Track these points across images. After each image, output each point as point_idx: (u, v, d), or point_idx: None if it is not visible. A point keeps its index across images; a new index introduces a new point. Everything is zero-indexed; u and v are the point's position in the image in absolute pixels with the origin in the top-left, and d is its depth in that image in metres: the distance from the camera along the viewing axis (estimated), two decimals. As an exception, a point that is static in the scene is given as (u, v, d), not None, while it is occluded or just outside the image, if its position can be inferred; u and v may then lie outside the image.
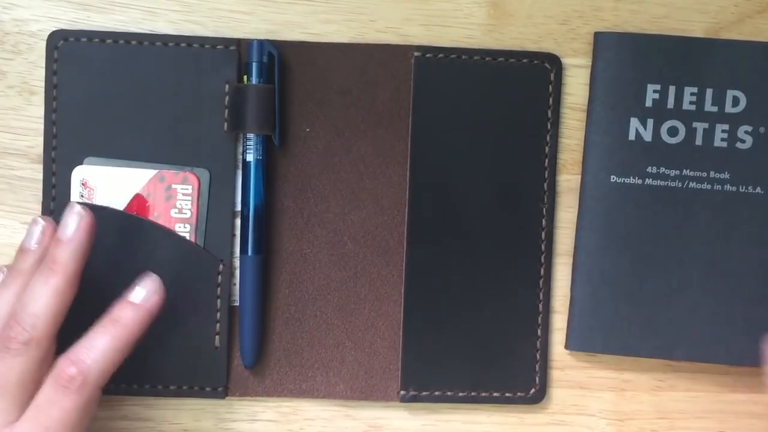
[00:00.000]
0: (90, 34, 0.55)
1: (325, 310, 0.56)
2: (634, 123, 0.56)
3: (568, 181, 0.57)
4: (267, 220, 0.56)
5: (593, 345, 0.56)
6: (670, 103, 0.56)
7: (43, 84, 0.55)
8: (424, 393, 0.57)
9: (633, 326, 0.56)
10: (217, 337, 0.55)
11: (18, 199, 0.56)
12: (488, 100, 0.57)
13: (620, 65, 0.56)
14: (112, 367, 0.49)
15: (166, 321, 0.54)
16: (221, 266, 0.55)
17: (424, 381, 0.57)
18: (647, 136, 0.56)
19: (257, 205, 0.55)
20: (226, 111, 0.55)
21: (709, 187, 0.56)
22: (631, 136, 0.56)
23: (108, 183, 0.54)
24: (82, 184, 0.54)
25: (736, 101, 0.56)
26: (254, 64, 0.54)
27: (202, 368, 0.55)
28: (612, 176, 0.56)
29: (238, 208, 0.55)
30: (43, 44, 0.55)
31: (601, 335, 0.56)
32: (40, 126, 0.55)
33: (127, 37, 0.55)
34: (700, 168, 0.56)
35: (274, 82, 0.55)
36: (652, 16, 0.57)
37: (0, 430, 0.48)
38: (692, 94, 0.56)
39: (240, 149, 0.55)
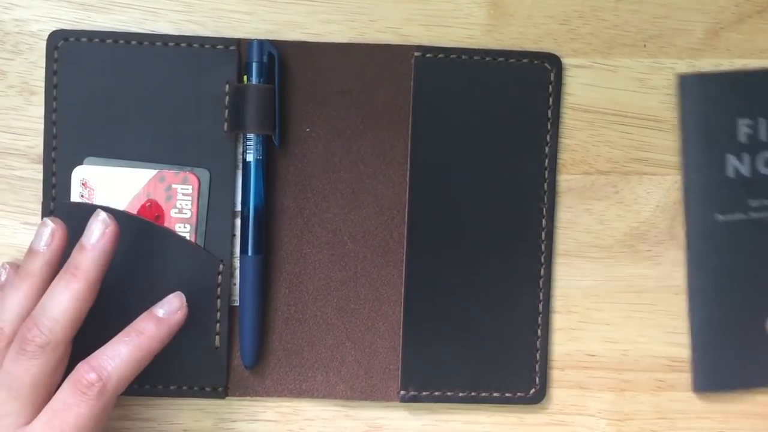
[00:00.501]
0: (90, 34, 0.55)
1: (325, 310, 0.56)
2: (731, 159, 0.56)
3: (568, 181, 0.57)
4: (267, 220, 0.56)
5: (724, 383, 0.57)
6: (764, 135, 0.56)
7: (43, 84, 0.55)
8: (424, 393, 0.57)
9: (759, 359, 0.57)
10: (217, 337, 0.55)
11: (18, 199, 0.56)
12: (488, 100, 0.57)
13: (708, 104, 0.56)
14: (130, 376, 0.49)
15: (165, 321, 0.55)
16: (221, 266, 0.55)
17: (424, 381, 0.57)
18: (745, 170, 0.56)
19: (257, 205, 0.55)
20: (226, 111, 0.55)
21: None
22: (730, 173, 0.56)
23: (108, 183, 0.54)
24: (82, 184, 0.54)
25: None
26: (254, 64, 0.54)
27: (202, 368, 0.55)
28: (716, 215, 0.56)
29: (238, 208, 0.55)
30: (44, 44, 0.55)
31: (729, 373, 0.57)
32: (40, 126, 0.55)
33: (128, 37, 0.55)
34: None
35: (274, 82, 0.55)
36: (652, 16, 0.57)
37: None
38: None
39: (240, 149, 0.55)
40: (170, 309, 0.51)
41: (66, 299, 0.49)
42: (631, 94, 0.58)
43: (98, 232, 0.50)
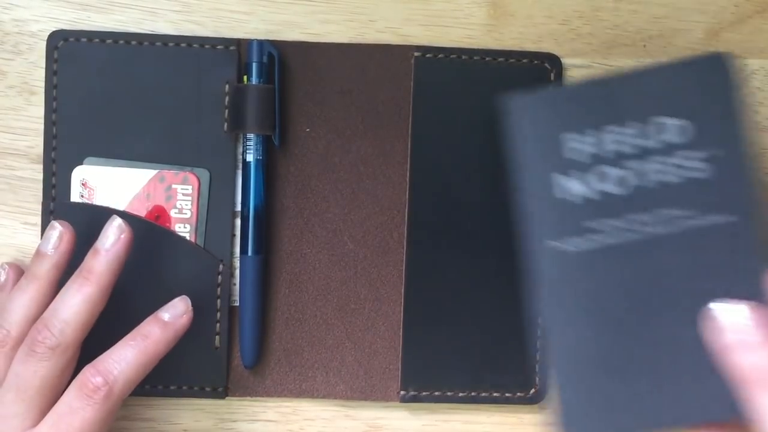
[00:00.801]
0: (90, 35, 0.55)
1: (325, 310, 0.56)
2: (558, 179, 0.48)
3: (568, 181, 0.57)
4: (267, 220, 0.56)
5: (595, 427, 0.48)
6: (596, 150, 0.48)
7: (43, 84, 0.55)
8: (424, 393, 0.57)
9: (628, 395, 0.48)
10: (217, 337, 0.55)
11: (18, 199, 0.56)
12: (488, 101, 0.57)
13: (534, 124, 0.48)
14: (136, 380, 0.49)
15: (166, 321, 0.55)
16: (221, 266, 0.55)
17: (424, 381, 0.57)
18: (580, 190, 0.48)
19: (257, 205, 0.55)
20: (226, 111, 0.55)
21: (668, 229, 0.48)
22: (559, 194, 0.48)
23: (108, 183, 0.54)
24: (82, 184, 0.54)
25: (672, 129, 0.48)
26: (254, 64, 0.54)
27: (202, 368, 0.55)
28: (552, 241, 0.48)
29: (238, 208, 0.56)
30: (44, 44, 0.55)
31: (601, 415, 0.48)
32: (40, 126, 0.55)
33: (127, 37, 0.55)
34: (654, 207, 0.48)
35: (274, 82, 0.55)
36: (652, 16, 0.57)
37: None
38: (617, 133, 0.48)
39: (240, 149, 0.55)
40: (176, 313, 0.51)
41: (78, 302, 0.49)
42: None
43: (113, 238, 0.50)
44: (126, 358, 0.49)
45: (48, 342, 0.48)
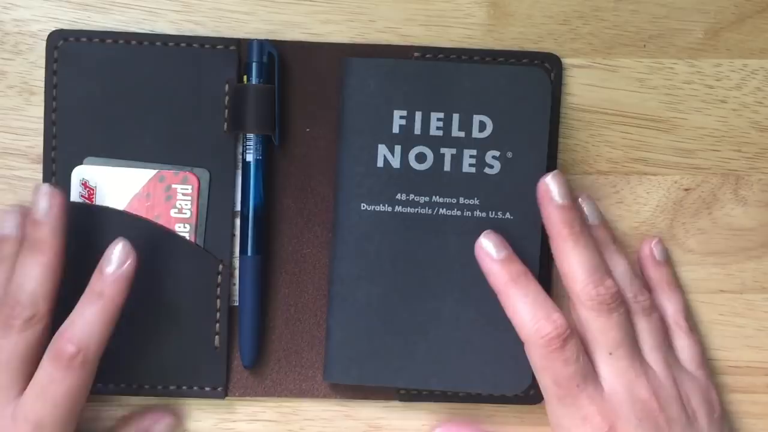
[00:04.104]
0: (90, 34, 0.55)
1: (324, 311, 0.56)
2: (382, 150, 0.54)
3: (568, 181, 0.57)
4: (267, 220, 0.56)
5: (350, 376, 0.55)
6: (417, 129, 0.54)
7: (43, 84, 0.55)
8: (424, 392, 0.56)
9: (390, 356, 0.55)
10: (216, 337, 0.55)
11: (18, 199, 0.56)
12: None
13: (367, 91, 0.54)
14: (105, 339, 0.50)
15: (165, 321, 0.55)
16: (221, 266, 0.55)
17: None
18: (395, 162, 0.54)
19: (257, 205, 0.55)
20: (226, 111, 0.55)
21: (459, 213, 0.55)
22: (380, 163, 0.54)
23: (108, 183, 0.54)
24: (82, 184, 0.54)
25: (482, 126, 0.55)
26: (254, 64, 0.54)
27: (202, 368, 0.55)
28: (362, 204, 0.54)
29: (238, 208, 0.55)
30: (44, 44, 0.55)
31: (358, 366, 0.55)
32: (40, 126, 0.55)
33: (128, 37, 0.55)
34: (450, 194, 0.55)
35: (274, 82, 0.55)
36: (652, 16, 0.57)
37: (4, 406, 0.49)
38: (439, 119, 0.54)
39: (240, 149, 0.55)
40: (118, 262, 0.51)
41: (38, 272, 0.50)
42: (631, 94, 0.58)
43: (46, 204, 0.50)
44: (90, 321, 0.49)
45: (24, 314, 0.49)
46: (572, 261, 0.52)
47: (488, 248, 0.53)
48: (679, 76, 0.58)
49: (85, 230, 0.53)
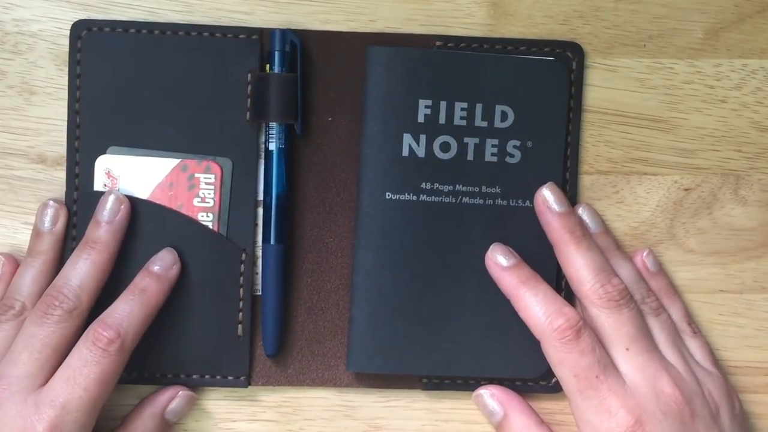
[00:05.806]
0: (113, 24, 0.55)
1: (347, 300, 0.56)
2: (408, 139, 0.55)
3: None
4: (289, 209, 0.56)
5: (373, 365, 0.55)
6: (442, 118, 0.55)
7: (43, 84, 0.55)
8: (446, 381, 0.57)
9: (412, 344, 0.55)
10: (239, 326, 0.55)
11: (18, 199, 0.55)
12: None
13: (392, 80, 0.55)
14: (141, 332, 0.51)
15: (189, 310, 0.54)
16: (244, 255, 0.55)
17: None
18: (420, 152, 0.55)
19: (279, 194, 0.55)
20: (249, 100, 0.55)
21: (481, 201, 0.55)
22: (405, 152, 0.55)
23: (131, 172, 0.54)
24: (106, 173, 0.54)
25: (504, 116, 0.55)
26: (277, 53, 0.54)
27: (225, 357, 0.55)
28: (387, 193, 0.55)
29: (261, 197, 0.55)
30: (44, 44, 0.55)
31: (381, 355, 0.55)
32: (41, 126, 0.55)
33: (150, 26, 0.55)
34: (472, 183, 0.55)
35: (297, 71, 0.55)
36: (652, 16, 0.58)
37: (28, 394, 0.49)
38: (462, 109, 0.55)
39: (262, 138, 0.55)
40: (165, 264, 0.53)
41: (88, 269, 0.52)
42: (631, 94, 0.58)
43: (114, 208, 0.53)
44: (131, 311, 0.51)
45: (65, 305, 0.50)
46: (578, 264, 0.53)
47: (497, 258, 0.54)
48: (679, 76, 0.58)
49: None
